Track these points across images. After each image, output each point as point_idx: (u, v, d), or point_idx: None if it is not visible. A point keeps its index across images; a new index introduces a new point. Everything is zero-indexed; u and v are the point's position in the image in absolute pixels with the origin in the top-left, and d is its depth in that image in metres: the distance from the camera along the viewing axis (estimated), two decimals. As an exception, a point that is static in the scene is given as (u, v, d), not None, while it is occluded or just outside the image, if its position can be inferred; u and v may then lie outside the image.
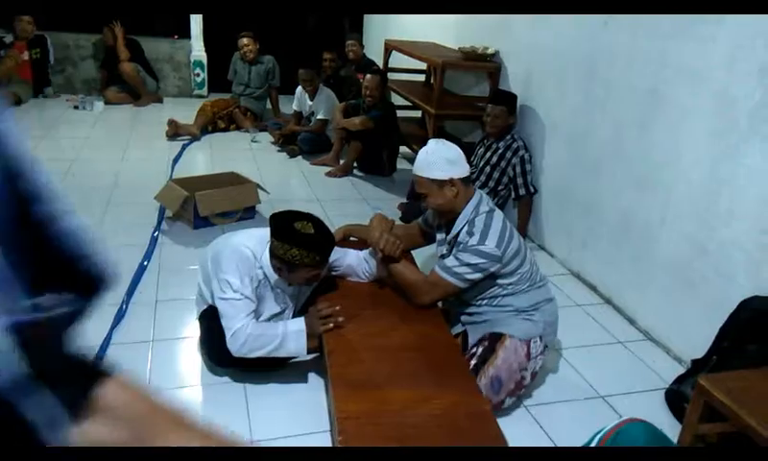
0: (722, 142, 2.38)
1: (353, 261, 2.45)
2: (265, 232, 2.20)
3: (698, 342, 2.33)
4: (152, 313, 2.68)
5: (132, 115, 6.16)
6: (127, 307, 2.68)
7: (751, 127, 2.25)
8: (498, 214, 2.22)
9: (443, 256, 2.29)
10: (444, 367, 1.95)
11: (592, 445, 1.49)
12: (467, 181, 2.22)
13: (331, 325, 2.09)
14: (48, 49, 6.38)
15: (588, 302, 3.11)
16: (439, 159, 2.16)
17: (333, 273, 2.42)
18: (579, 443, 1.58)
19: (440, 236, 2.38)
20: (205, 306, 2.27)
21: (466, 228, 2.17)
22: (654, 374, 2.54)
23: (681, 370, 2.48)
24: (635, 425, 1.48)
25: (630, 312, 2.95)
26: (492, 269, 2.13)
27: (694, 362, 2.35)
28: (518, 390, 2.18)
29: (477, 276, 2.14)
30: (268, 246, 2.16)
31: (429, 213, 2.47)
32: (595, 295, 3.17)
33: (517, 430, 2.10)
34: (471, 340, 2.27)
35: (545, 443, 2.09)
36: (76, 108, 6.15)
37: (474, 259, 2.11)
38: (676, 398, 2.29)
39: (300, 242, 2.03)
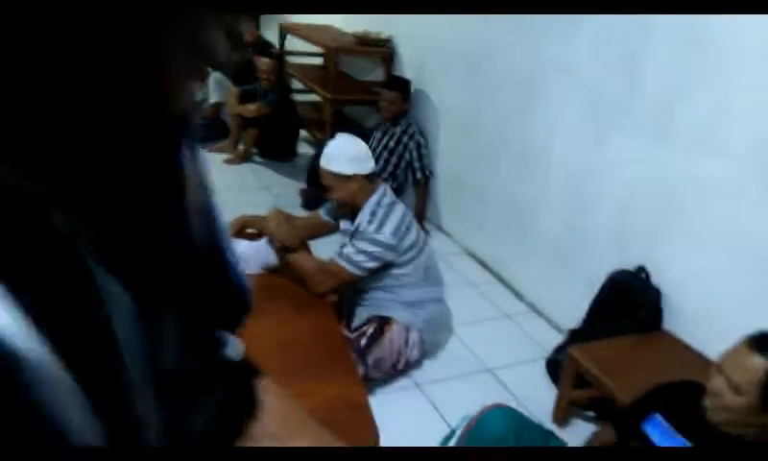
0: (590, 132, 2.58)
1: (245, 250, 2.45)
2: None
3: (574, 313, 2.54)
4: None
5: None
6: None
7: (614, 118, 2.46)
8: (399, 206, 2.31)
9: (343, 245, 2.35)
10: (329, 361, 2.00)
11: (458, 432, 1.60)
12: (370, 176, 2.28)
13: None
14: None
15: (481, 280, 3.29)
16: (343, 155, 2.22)
17: None
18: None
19: (344, 226, 2.43)
20: None
21: (367, 218, 2.24)
22: (537, 345, 2.74)
23: (561, 339, 2.69)
24: (495, 412, 1.61)
25: (517, 287, 3.15)
26: (388, 258, 2.23)
27: (571, 332, 2.56)
28: (392, 371, 2.32)
29: (374, 264, 2.22)
30: None
31: (333, 204, 2.52)
32: (487, 272, 3.35)
33: (410, 409, 2.22)
34: (357, 320, 2.38)
35: (436, 420, 2.21)
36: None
37: (370, 248, 2.19)
38: (554, 367, 2.49)
39: None
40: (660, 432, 1.44)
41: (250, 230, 2.65)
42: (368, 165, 2.28)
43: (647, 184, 2.35)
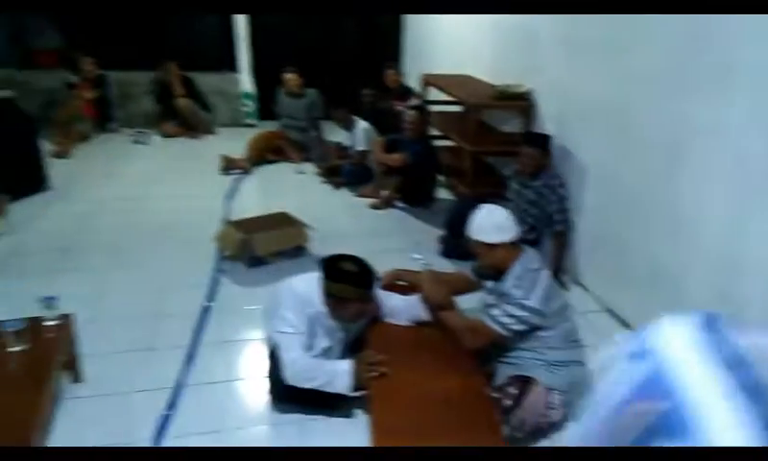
0: (744, 197, 2.52)
1: (397, 304, 2.72)
2: (318, 274, 2.51)
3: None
4: (218, 353, 2.99)
5: (187, 147, 6.59)
6: (196, 349, 2.99)
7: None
8: (545, 273, 2.45)
9: (489, 305, 2.52)
10: (474, 423, 2.16)
11: None
12: (514, 243, 2.47)
13: (375, 373, 2.35)
14: (109, 87, 6.88)
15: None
16: (488, 226, 2.44)
17: (378, 312, 2.69)
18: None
19: (490, 285, 2.62)
20: (272, 346, 2.57)
21: (514, 283, 2.41)
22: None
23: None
24: None
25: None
26: (535, 322, 2.37)
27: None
28: (536, 432, 2.41)
29: (521, 327, 2.38)
30: (320, 286, 2.46)
31: (478, 264, 2.71)
32: (629, 332, 3.32)
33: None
34: (499, 377, 2.52)
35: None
36: (136, 142, 6.61)
37: (519, 312, 2.35)
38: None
39: (345, 279, 2.41)
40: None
41: (400, 283, 2.92)
42: (511, 233, 2.45)
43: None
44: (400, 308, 2.71)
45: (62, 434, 2.41)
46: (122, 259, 3.95)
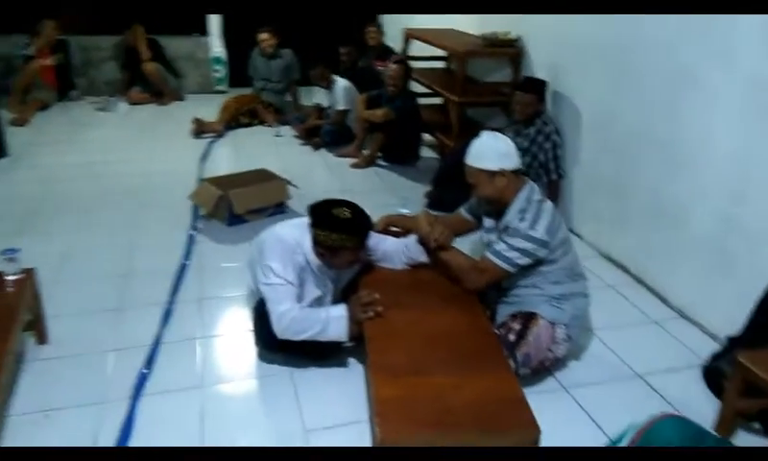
0: (757, 123, 2.39)
1: (390, 247, 2.53)
2: (305, 221, 2.30)
3: (733, 318, 2.36)
4: (197, 311, 2.78)
5: (156, 114, 6.26)
6: (173, 306, 2.78)
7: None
8: (549, 204, 2.30)
9: (490, 243, 2.35)
10: (479, 353, 2.01)
11: (623, 442, 1.52)
12: (516, 172, 2.29)
13: (371, 313, 2.17)
14: (70, 53, 6.51)
15: (620, 282, 3.15)
16: (490, 151, 2.25)
17: (370, 257, 2.50)
18: (622, 423, 1.63)
19: (488, 223, 2.45)
20: (258, 298, 2.36)
21: (518, 215, 2.24)
22: (689, 351, 2.58)
23: (716, 347, 2.51)
24: (668, 423, 1.51)
25: (662, 291, 2.98)
26: (541, 255, 2.22)
27: (730, 339, 2.39)
28: (540, 367, 2.28)
29: (526, 261, 2.22)
30: (308, 233, 2.25)
31: (474, 202, 2.54)
32: (627, 275, 3.21)
33: (559, 413, 2.16)
34: (500, 316, 2.37)
35: (588, 425, 2.14)
36: (100, 110, 6.26)
37: (524, 244, 2.19)
38: (713, 374, 2.33)
39: (339, 227, 2.17)
40: None
41: (394, 229, 2.73)
42: (514, 160, 2.28)
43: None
44: (396, 251, 2.52)
45: (27, 395, 2.19)
46: (90, 222, 3.69)
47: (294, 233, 2.30)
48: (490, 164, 2.23)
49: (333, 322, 2.19)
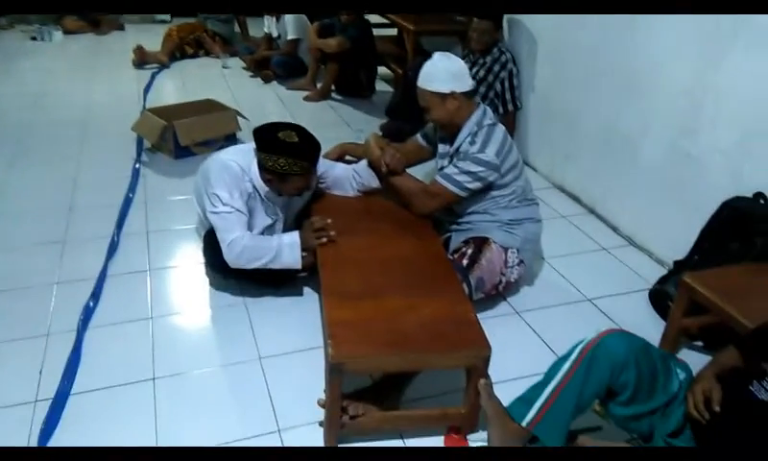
0: (704, 50, 2.40)
1: (341, 173, 2.47)
2: (251, 146, 2.21)
3: (679, 245, 2.43)
4: (144, 244, 2.68)
5: (93, 44, 5.90)
6: (118, 239, 2.67)
7: (734, 32, 2.27)
8: (500, 127, 2.27)
9: (442, 168, 2.32)
10: (432, 277, 1.99)
11: (573, 356, 1.56)
12: (469, 94, 2.24)
13: (324, 239, 2.12)
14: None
15: (572, 212, 3.19)
16: (441, 72, 2.19)
17: (320, 184, 2.44)
18: (571, 343, 1.66)
19: (442, 148, 2.41)
20: (208, 228, 2.28)
21: (468, 139, 2.20)
22: (637, 276, 2.65)
23: (663, 272, 2.59)
24: (614, 336, 1.56)
25: (613, 220, 3.04)
26: (491, 178, 2.19)
27: (676, 263, 2.46)
28: (493, 291, 2.29)
29: (477, 185, 2.20)
30: (255, 159, 2.17)
31: (429, 127, 2.49)
32: (579, 205, 3.26)
33: (510, 335, 2.21)
34: (454, 243, 2.36)
35: (539, 345, 2.19)
36: (33, 38, 5.86)
37: (474, 167, 2.16)
38: (659, 297, 2.41)
39: (286, 151, 2.08)
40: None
41: (349, 158, 2.67)
42: (466, 82, 2.23)
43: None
44: (346, 177, 2.46)
45: (-37, 330, 2.08)
46: (26, 155, 3.48)
47: (240, 159, 2.20)
48: (441, 86, 2.18)
49: (285, 249, 2.14)
